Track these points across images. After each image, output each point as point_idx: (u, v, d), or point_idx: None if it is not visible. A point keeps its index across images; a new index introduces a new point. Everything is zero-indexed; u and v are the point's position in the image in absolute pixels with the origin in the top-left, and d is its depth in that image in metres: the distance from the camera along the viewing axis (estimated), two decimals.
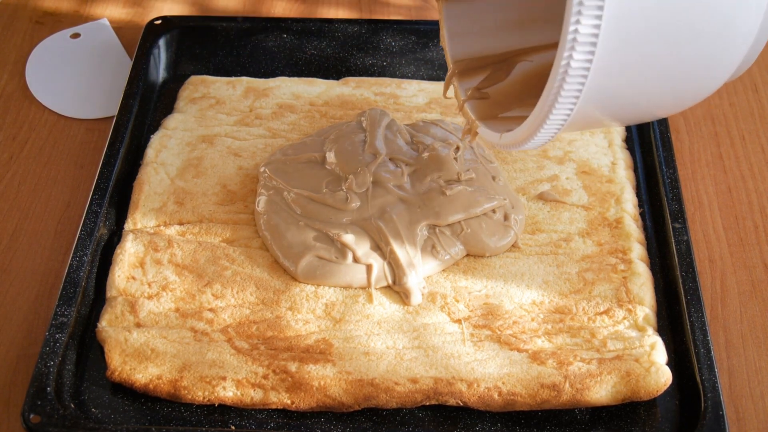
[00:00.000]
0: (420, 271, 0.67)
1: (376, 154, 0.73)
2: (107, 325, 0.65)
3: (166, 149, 0.77)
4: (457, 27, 0.66)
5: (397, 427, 0.62)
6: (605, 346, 0.64)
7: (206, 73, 0.86)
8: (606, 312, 0.66)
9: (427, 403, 0.62)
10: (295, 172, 0.73)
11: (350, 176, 0.71)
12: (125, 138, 0.77)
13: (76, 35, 0.93)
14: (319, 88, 0.84)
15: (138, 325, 0.65)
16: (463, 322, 0.65)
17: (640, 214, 0.74)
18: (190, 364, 0.63)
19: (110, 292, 0.67)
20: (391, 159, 0.73)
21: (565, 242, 0.71)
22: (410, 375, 0.62)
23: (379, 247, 0.68)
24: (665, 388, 0.62)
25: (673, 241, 0.70)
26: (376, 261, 0.67)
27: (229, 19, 0.90)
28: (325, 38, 0.90)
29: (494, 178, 0.73)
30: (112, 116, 0.81)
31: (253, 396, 0.62)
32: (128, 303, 0.66)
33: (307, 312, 0.66)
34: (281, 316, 0.66)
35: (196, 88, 0.84)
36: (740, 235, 0.76)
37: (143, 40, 0.86)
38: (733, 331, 0.69)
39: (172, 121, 0.80)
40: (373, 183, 0.71)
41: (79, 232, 0.70)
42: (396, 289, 0.67)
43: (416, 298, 0.66)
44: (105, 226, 0.72)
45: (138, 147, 0.79)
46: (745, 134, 0.84)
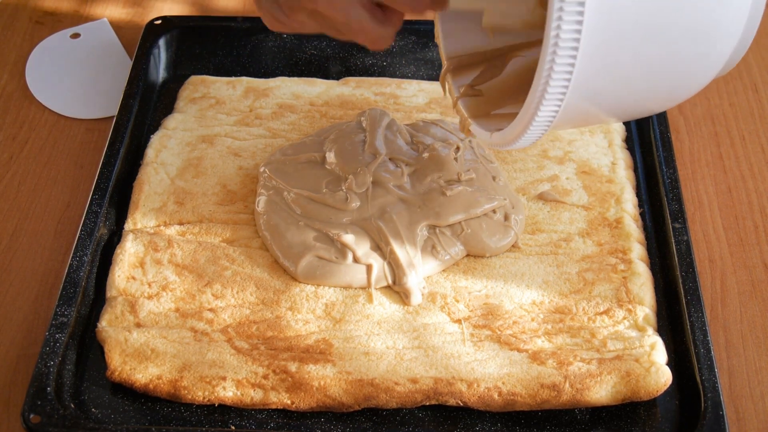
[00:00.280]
0: (420, 271, 0.67)
1: (376, 154, 0.73)
2: (107, 325, 0.65)
3: (166, 149, 0.77)
4: (452, 24, 0.66)
5: (397, 427, 0.62)
6: (605, 346, 0.64)
7: (206, 73, 0.86)
8: (606, 312, 0.66)
9: (427, 403, 0.62)
10: (295, 172, 0.73)
11: (350, 176, 0.71)
12: (125, 138, 0.77)
13: (76, 35, 0.93)
14: (319, 88, 0.84)
15: (138, 325, 0.65)
16: (463, 322, 0.65)
17: (640, 214, 0.74)
18: (190, 364, 0.63)
19: (110, 292, 0.67)
20: (391, 159, 0.73)
21: (565, 242, 0.71)
22: (410, 375, 0.62)
23: (379, 247, 0.68)
24: (665, 388, 0.62)
25: (673, 241, 0.70)
26: (376, 261, 0.67)
27: (229, 19, 0.90)
28: (325, 38, 0.89)
29: (494, 178, 0.73)
30: (112, 116, 0.81)
31: (253, 396, 0.62)
32: (128, 303, 0.66)
33: (307, 312, 0.66)
34: (281, 316, 0.66)
35: (196, 88, 0.84)
36: (740, 235, 0.76)
37: (143, 40, 0.86)
38: (733, 331, 0.69)
39: (172, 121, 0.80)
40: (373, 183, 0.71)
41: (79, 232, 0.70)
42: (396, 289, 0.67)
43: (416, 298, 0.66)
44: (105, 226, 0.72)
45: (138, 147, 0.79)
46: (745, 134, 0.84)
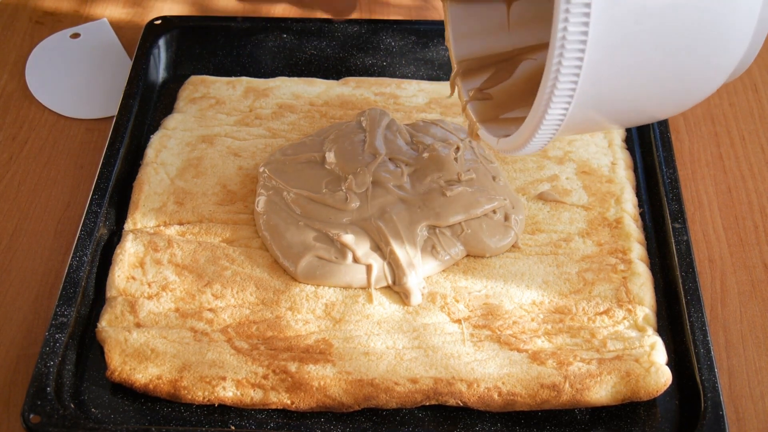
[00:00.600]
0: (420, 272, 0.67)
1: (375, 154, 0.73)
2: (107, 325, 0.65)
3: (166, 149, 0.77)
4: (462, 26, 0.66)
5: (397, 427, 0.62)
6: (605, 346, 0.64)
7: (206, 73, 0.86)
8: (606, 312, 0.66)
9: (427, 403, 0.62)
10: (295, 172, 0.73)
11: (350, 176, 0.71)
12: (125, 138, 0.77)
13: (76, 35, 0.93)
14: (319, 88, 0.84)
15: (138, 325, 0.65)
16: (463, 322, 0.65)
17: (640, 214, 0.74)
18: (190, 364, 0.63)
19: (110, 292, 0.67)
20: (390, 159, 0.73)
21: (565, 242, 0.71)
22: (410, 375, 0.62)
23: (379, 248, 0.68)
24: (665, 388, 0.62)
25: (673, 241, 0.70)
26: (376, 261, 0.67)
27: (229, 19, 0.90)
28: (325, 38, 0.90)
29: (494, 178, 0.73)
30: (112, 116, 0.81)
31: (253, 396, 0.62)
32: (128, 303, 0.66)
33: (307, 312, 0.66)
34: (281, 316, 0.66)
35: (196, 88, 0.84)
36: (740, 235, 0.76)
37: (143, 40, 0.86)
38: (733, 331, 0.69)
39: (172, 121, 0.80)
40: (373, 183, 0.71)
41: (79, 232, 0.70)
42: (396, 290, 0.67)
43: (416, 299, 0.66)
44: (105, 226, 0.72)
45: (138, 147, 0.79)
46: (745, 134, 0.84)
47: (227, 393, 0.62)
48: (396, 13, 0.97)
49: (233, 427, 0.61)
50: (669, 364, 0.63)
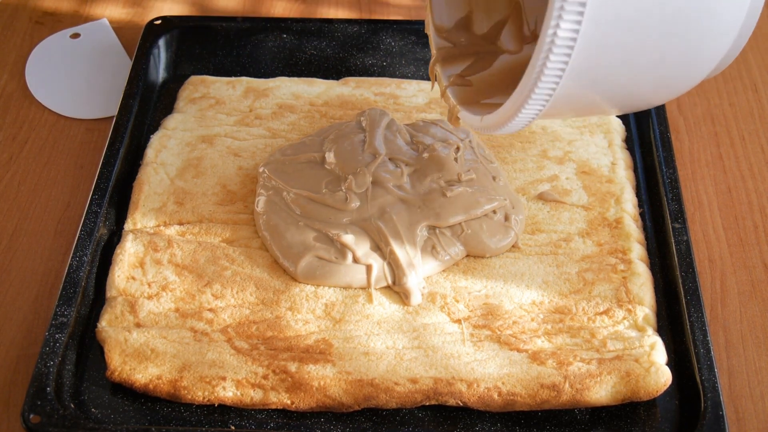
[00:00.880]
0: (420, 272, 0.67)
1: (375, 154, 0.73)
2: (107, 325, 0.65)
3: (166, 149, 0.77)
4: (444, 15, 0.66)
5: (397, 427, 0.62)
6: (605, 347, 0.64)
7: (206, 73, 0.86)
8: (606, 312, 0.66)
9: (427, 403, 0.62)
10: (295, 173, 0.73)
11: (350, 176, 0.71)
12: (125, 138, 0.77)
13: (76, 35, 0.93)
14: (319, 88, 0.84)
15: (138, 325, 0.65)
16: (462, 322, 0.65)
17: (640, 214, 0.74)
18: (189, 364, 0.63)
19: (110, 292, 0.67)
20: (390, 159, 0.73)
21: (565, 242, 0.71)
22: (410, 375, 0.62)
23: (379, 248, 0.68)
24: (665, 388, 0.62)
25: (673, 241, 0.70)
26: (376, 261, 0.67)
27: (229, 19, 0.90)
28: (325, 38, 0.90)
29: (495, 179, 0.73)
30: (112, 116, 0.81)
31: (252, 396, 0.62)
32: (128, 303, 0.66)
33: (307, 312, 0.66)
34: (281, 316, 0.66)
35: (195, 88, 0.84)
36: (740, 235, 0.76)
37: (143, 40, 0.86)
38: (733, 331, 0.69)
39: (172, 121, 0.80)
40: (373, 183, 0.71)
41: (79, 232, 0.70)
42: (396, 290, 0.67)
43: (416, 299, 0.66)
44: (105, 226, 0.72)
45: (138, 147, 0.79)
46: (745, 134, 0.84)
47: (227, 393, 0.62)
48: (396, 13, 0.97)
49: (233, 427, 0.61)
50: (669, 364, 0.63)
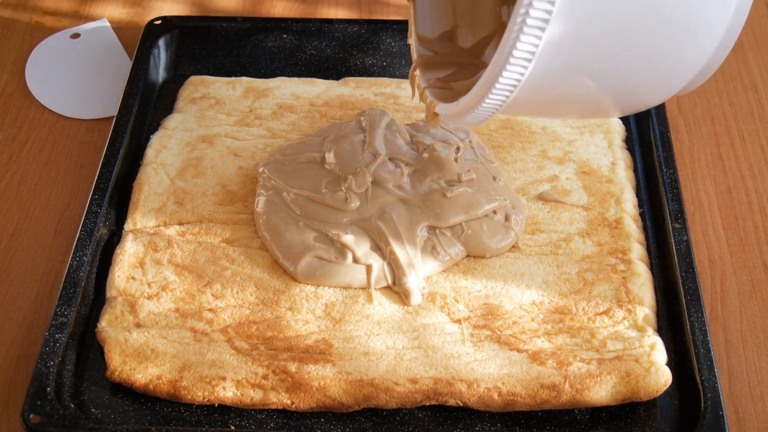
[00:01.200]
0: (420, 272, 0.67)
1: (375, 154, 0.73)
2: (107, 325, 0.65)
3: (166, 149, 0.77)
4: (427, 26, 0.66)
5: (397, 427, 0.62)
6: (605, 347, 0.64)
7: (206, 73, 0.86)
8: (606, 312, 0.66)
9: (427, 404, 0.62)
10: (295, 173, 0.73)
11: (350, 176, 0.71)
12: (125, 138, 0.77)
13: (76, 35, 0.93)
14: (319, 89, 0.84)
15: (138, 326, 0.65)
16: (462, 322, 0.65)
17: (640, 214, 0.74)
18: (189, 364, 0.63)
19: (110, 292, 0.67)
20: (390, 159, 0.73)
21: (565, 242, 0.71)
22: (410, 375, 0.62)
23: (379, 248, 0.68)
24: (665, 388, 0.62)
25: (673, 241, 0.70)
26: (376, 261, 0.67)
27: (229, 19, 0.90)
28: (325, 38, 0.90)
29: (495, 179, 0.73)
30: (112, 116, 0.81)
31: (252, 396, 0.62)
32: (128, 303, 0.66)
33: (307, 312, 0.66)
34: (281, 317, 0.66)
35: (195, 88, 0.84)
36: (740, 235, 0.76)
37: (143, 40, 0.86)
38: (733, 332, 0.69)
39: (172, 121, 0.80)
40: (373, 183, 0.71)
41: (79, 232, 0.70)
42: (396, 290, 0.67)
43: (416, 299, 0.66)
44: (105, 226, 0.72)
45: (138, 147, 0.79)
46: (745, 134, 0.84)
47: (227, 393, 0.62)
48: (396, 13, 0.97)
49: (233, 427, 0.61)
50: (669, 364, 0.63)
